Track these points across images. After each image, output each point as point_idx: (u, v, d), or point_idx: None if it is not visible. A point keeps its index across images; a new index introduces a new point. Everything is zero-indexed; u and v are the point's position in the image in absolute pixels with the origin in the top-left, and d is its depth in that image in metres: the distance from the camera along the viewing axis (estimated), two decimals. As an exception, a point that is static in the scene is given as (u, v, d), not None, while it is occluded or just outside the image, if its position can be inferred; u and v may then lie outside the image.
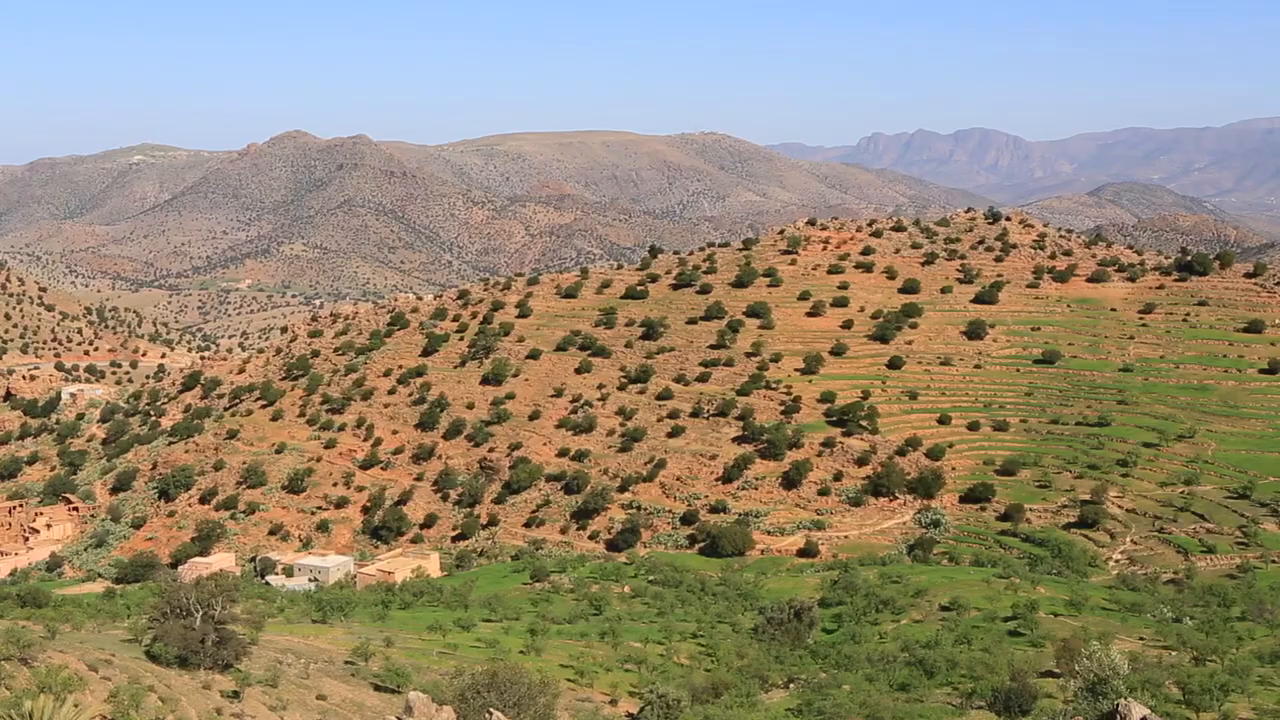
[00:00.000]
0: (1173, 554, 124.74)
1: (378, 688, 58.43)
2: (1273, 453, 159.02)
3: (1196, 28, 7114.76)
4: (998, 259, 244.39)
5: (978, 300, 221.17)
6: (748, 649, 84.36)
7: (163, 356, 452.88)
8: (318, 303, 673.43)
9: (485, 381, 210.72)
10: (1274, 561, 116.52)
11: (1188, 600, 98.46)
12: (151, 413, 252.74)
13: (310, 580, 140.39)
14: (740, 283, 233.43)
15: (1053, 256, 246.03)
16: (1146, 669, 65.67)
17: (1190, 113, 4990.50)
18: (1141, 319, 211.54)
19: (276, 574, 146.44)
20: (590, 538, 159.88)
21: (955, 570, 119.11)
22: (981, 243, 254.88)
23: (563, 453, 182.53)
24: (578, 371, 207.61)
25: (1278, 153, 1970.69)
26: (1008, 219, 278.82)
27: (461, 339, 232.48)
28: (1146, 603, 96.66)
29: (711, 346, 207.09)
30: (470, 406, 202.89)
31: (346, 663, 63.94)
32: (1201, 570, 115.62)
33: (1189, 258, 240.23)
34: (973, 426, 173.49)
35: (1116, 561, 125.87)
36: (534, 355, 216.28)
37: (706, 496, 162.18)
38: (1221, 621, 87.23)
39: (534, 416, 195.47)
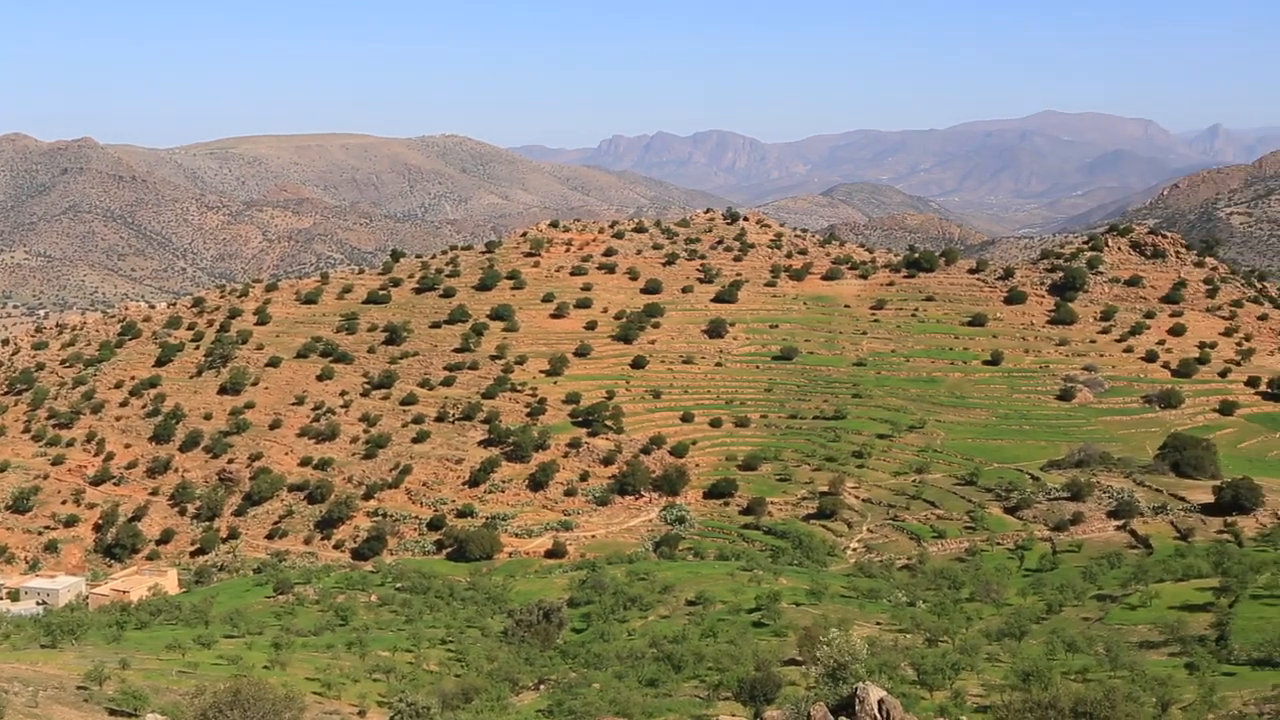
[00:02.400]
0: (906, 540, 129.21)
1: (113, 712, 56.01)
2: (996, 440, 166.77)
3: (917, 35, 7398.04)
4: (736, 258, 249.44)
5: (718, 299, 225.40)
6: (497, 652, 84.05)
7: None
8: (42, 313, 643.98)
9: (223, 391, 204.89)
10: (999, 544, 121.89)
11: (921, 584, 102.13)
12: None
13: (38, 604, 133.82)
14: (484, 286, 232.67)
15: (789, 255, 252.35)
16: (884, 652, 67.85)
17: (916, 116, 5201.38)
18: (874, 315, 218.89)
19: (0, 599, 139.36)
20: (335, 547, 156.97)
21: (701, 565, 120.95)
22: (721, 243, 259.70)
23: (305, 461, 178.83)
24: (319, 378, 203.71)
25: (997, 154, 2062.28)
26: (746, 219, 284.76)
27: (197, 348, 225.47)
28: (882, 588, 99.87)
29: (456, 350, 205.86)
30: (208, 417, 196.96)
31: (79, 688, 61.08)
32: (933, 555, 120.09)
33: (917, 255, 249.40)
34: (715, 423, 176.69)
35: (854, 550, 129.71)
36: (274, 363, 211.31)
37: (453, 501, 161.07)
38: (952, 603, 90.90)
39: (275, 425, 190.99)
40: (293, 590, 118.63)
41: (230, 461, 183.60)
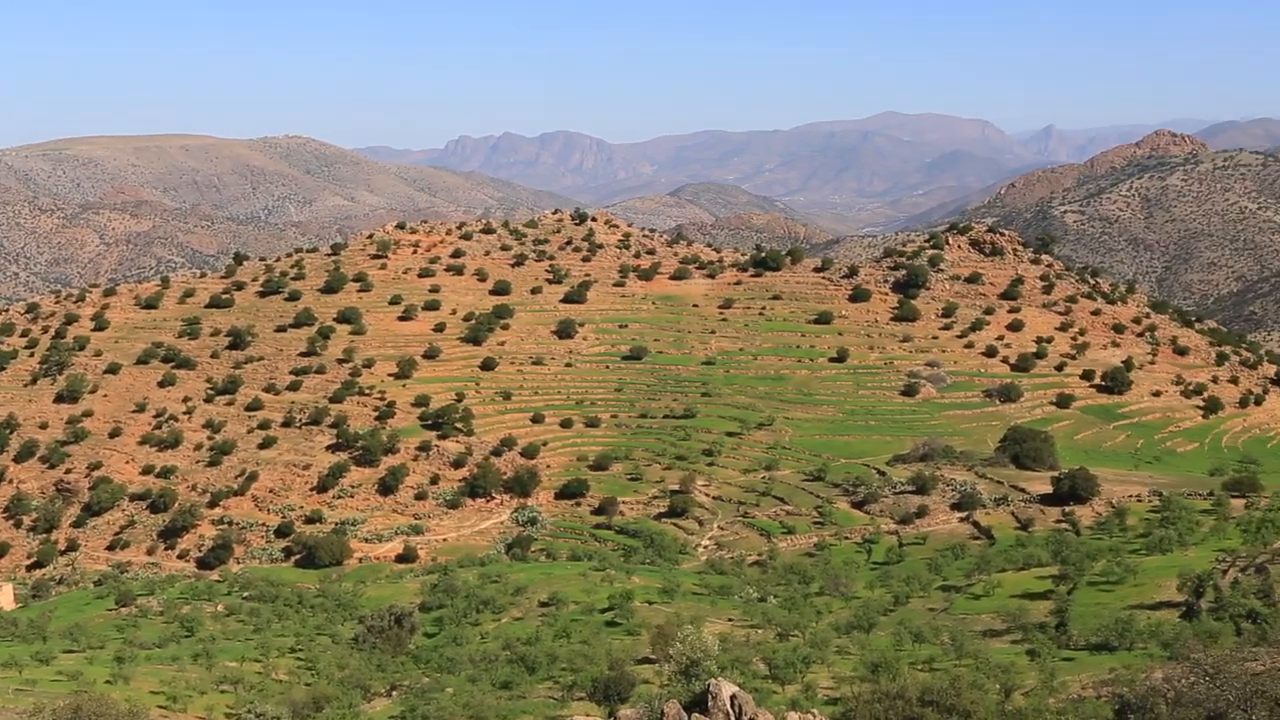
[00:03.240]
0: (756, 537, 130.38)
1: (-55, 734, 54.19)
2: (843, 436, 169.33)
3: (761, 36, 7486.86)
4: (585, 259, 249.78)
5: (567, 300, 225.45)
6: (348, 659, 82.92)
7: None
8: None
9: (60, 399, 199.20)
10: (847, 538, 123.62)
11: (771, 580, 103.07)
12: None
13: None
14: (330, 288, 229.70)
15: (637, 255, 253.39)
16: (736, 648, 68.41)
17: (761, 116, 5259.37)
18: (722, 314, 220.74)
19: None
20: (180, 557, 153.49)
21: (553, 566, 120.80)
22: (569, 243, 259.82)
23: (147, 470, 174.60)
24: (161, 385, 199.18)
25: (840, 154, 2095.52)
26: (594, 220, 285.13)
27: (31, 355, 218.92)
28: (734, 585, 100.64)
29: (302, 354, 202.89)
30: (44, 426, 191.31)
31: (-92, 709, 58.95)
32: (783, 550, 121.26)
33: (763, 255, 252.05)
34: (566, 424, 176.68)
35: (705, 547, 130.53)
36: (113, 370, 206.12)
37: (301, 507, 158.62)
38: (802, 598, 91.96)
39: (115, 434, 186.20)
40: (135, 602, 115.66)
41: (68, 472, 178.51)
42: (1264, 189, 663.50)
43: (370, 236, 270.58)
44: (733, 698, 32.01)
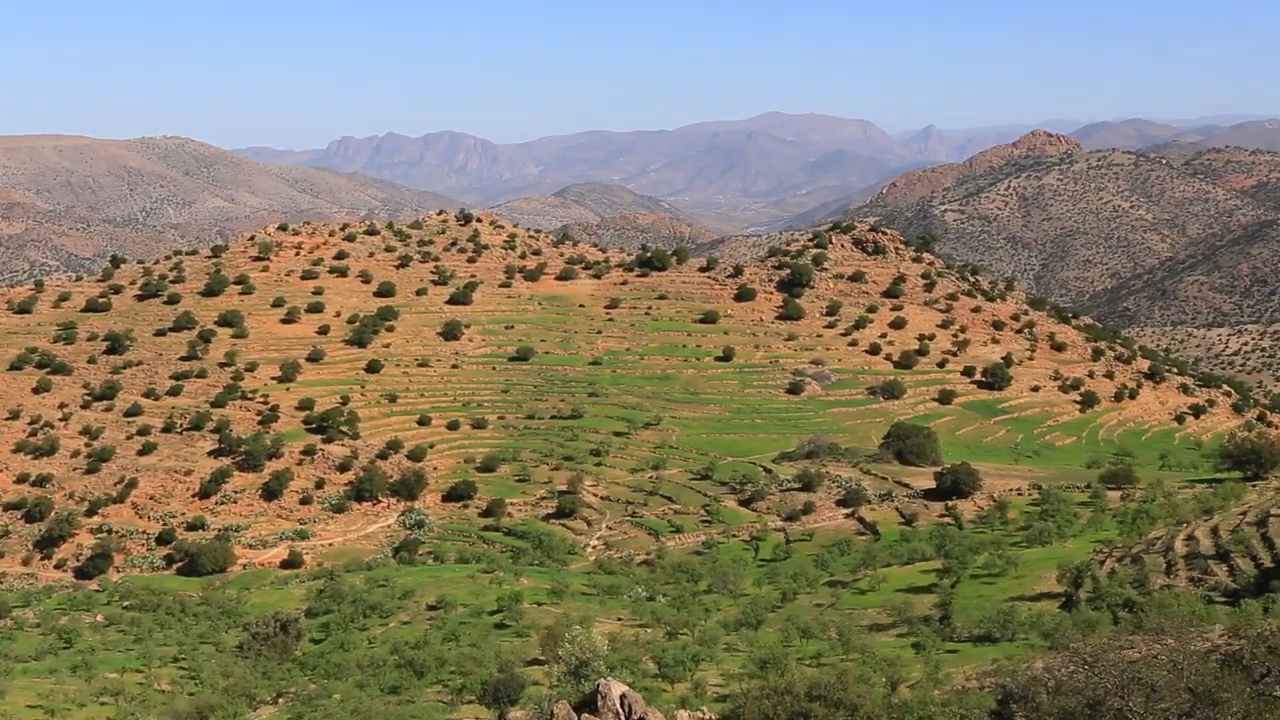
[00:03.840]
0: (645, 536, 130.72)
1: None
2: (730, 435, 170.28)
3: (646, 36, 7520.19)
4: (470, 260, 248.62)
5: (453, 301, 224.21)
6: (233, 668, 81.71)
7: None
8: None
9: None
10: (734, 536, 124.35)
11: (660, 579, 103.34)
12: None
13: None
14: (210, 291, 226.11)
15: (523, 256, 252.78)
16: (625, 647, 68.52)
17: (646, 117, 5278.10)
18: (608, 314, 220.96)
19: None
20: (57, 567, 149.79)
21: (441, 569, 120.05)
22: (454, 244, 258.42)
23: (22, 479, 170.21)
24: (36, 391, 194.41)
25: (724, 154, 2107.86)
26: (479, 220, 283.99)
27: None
28: (623, 585, 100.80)
29: (182, 358, 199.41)
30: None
31: None
32: (671, 549, 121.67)
33: (649, 254, 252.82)
34: (452, 426, 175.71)
35: (594, 547, 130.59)
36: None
37: (183, 514, 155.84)
38: (691, 596, 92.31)
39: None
40: (10, 614, 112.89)
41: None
42: (1136, 188, 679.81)
43: (252, 238, 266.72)
44: (622, 697, 32.01)
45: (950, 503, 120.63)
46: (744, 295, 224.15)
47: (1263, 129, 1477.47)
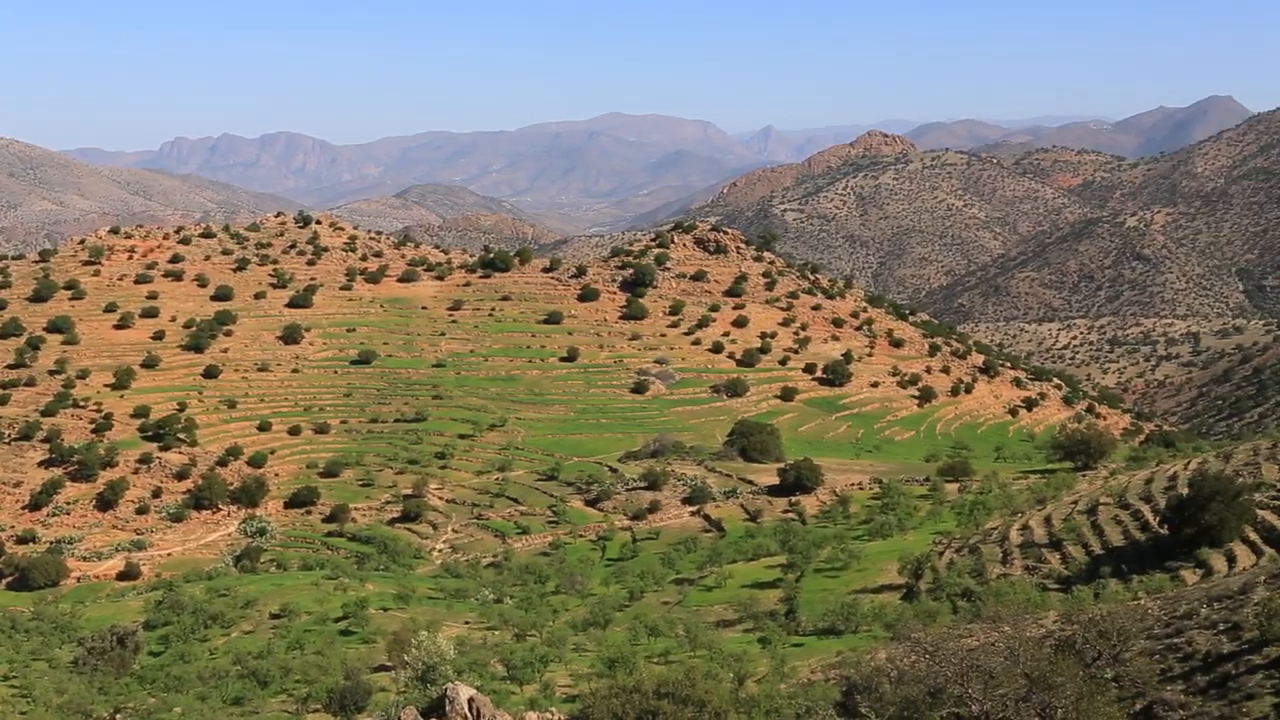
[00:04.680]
0: (491, 538, 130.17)
1: None
2: (575, 435, 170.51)
3: (484, 37, 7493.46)
4: (310, 262, 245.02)
5: (292, 304, 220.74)
6: (67, 684, 79.29)
7: None
8: None
9: None
10: (581, 536, 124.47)
11: (507, 581, 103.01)
12: None
13: None
14: (39, 297, 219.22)
15: (364, 258, 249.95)
16: (473, 651, 68.17)
17: (487, 117, 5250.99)
18: (451, 316, 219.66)
19: None
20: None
21: (284, 576, 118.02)
22: (294, 247, 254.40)
23: None
24: None
25: (566, 154, 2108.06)
26: (319, 222, 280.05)
27: None
28: (470, 588, 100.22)
29: (10, 366, 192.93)
30: None
31: None
32: (518, 551, 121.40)
33: (492, 255, 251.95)
34: (294, 431, 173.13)
35: (440, 551, 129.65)
36: None
37: (13, 527, 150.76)
38: (538, 597, 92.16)
39: None
40: None
41: None
42: (968, 187, 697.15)
43: (82, 242, 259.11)
44: (470, 701, 31.83)
45: (794, 498, 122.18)
46: (588, 295, 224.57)
47: (1087, 129, 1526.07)
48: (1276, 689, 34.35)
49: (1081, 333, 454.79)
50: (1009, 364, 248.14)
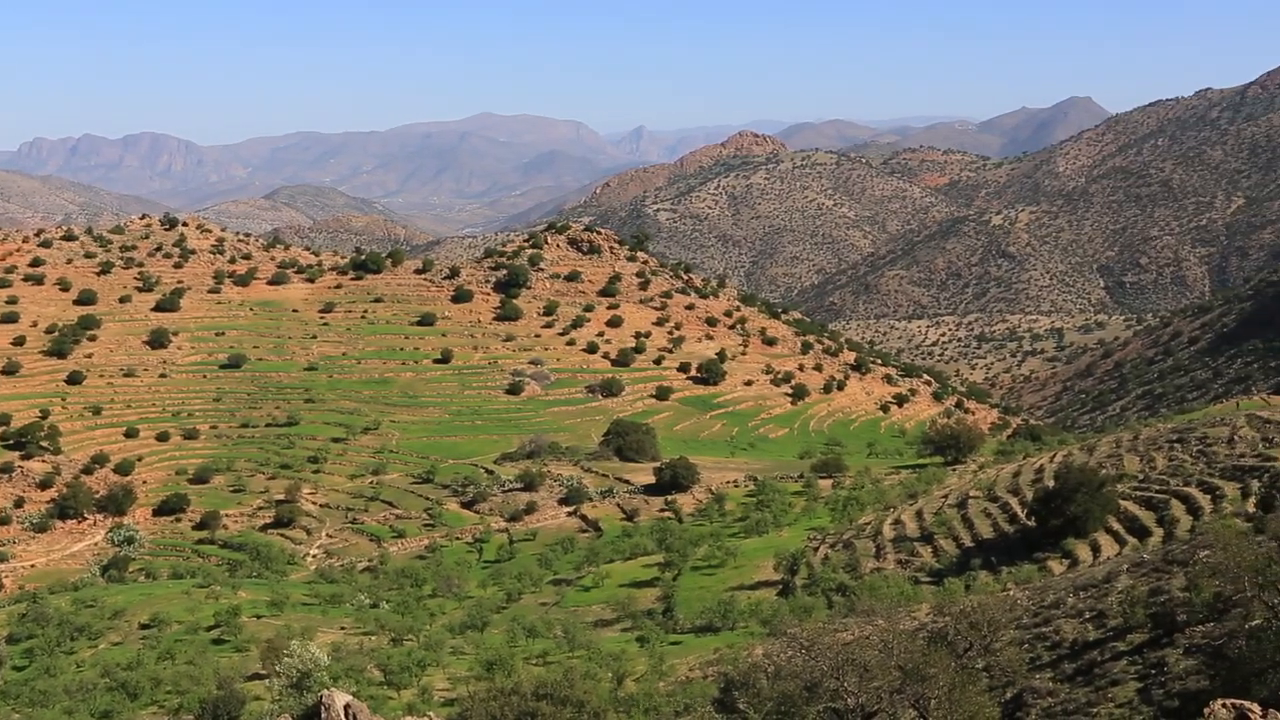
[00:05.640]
0: (366, 542, 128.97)
1: None
2: (450, 437, 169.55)
3: (350, 37, 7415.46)
4: (177, 265, 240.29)
5: (159, 308, 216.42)
6: (-74, 702, 77.07)
7: None
8: None
9: None
10: (458, 539, 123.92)
11: (383, 585, 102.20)
12: None
13: None
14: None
15: (233, 261, 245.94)
16: (349, 657, 67.46)
17: (357, 118, 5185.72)
18: (323, 318, 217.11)
19: None
20: None
21: (154, 585, 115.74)
22: (160, 249, 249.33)
23: None
24: None
25: (437, 155, 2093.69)
26: (185, 224, 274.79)
27: None
28: (345, 593, 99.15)
29: None
30: None
31: None
32: (394, 555, 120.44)
33: (363, 257, 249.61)
34: (162, 437, 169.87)
35: (314, 556, 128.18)
36: None
37: None
38: (415, 601, 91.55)
39: None
40: None
41: None
42: (838, 187, 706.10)
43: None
44: (347, 707, 31.53)
45: (670, 497, 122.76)
46: (461, 297, 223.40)
47: (953, 129, 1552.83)
48: (1140, 674, 35.28)
49: (950, 329, 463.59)
50: (880, 361, 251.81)
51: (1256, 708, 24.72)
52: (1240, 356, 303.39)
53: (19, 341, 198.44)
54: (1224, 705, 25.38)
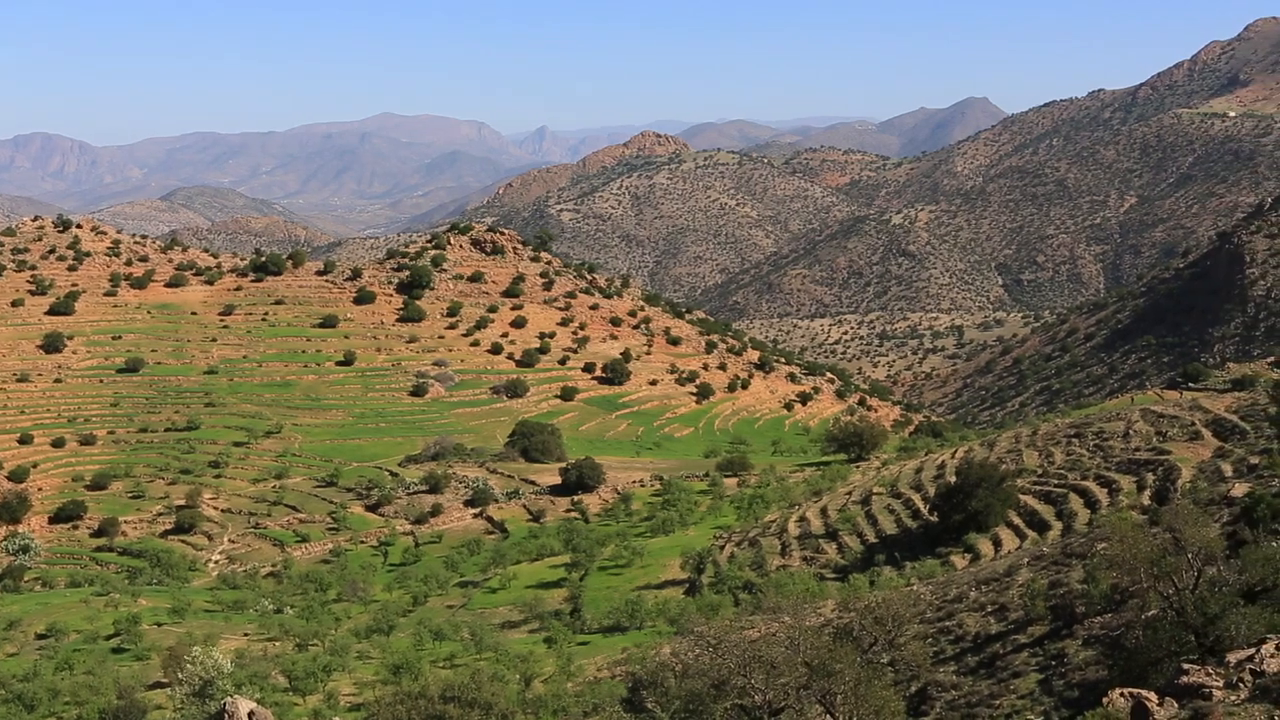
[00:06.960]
0: (270, 547, 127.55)
1: None
2: (354, 440, 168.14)
3: (245, 37, 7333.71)
4: (72, 268, 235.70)
5: (53, 312, 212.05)
6: None
7: None
8: None
9: None
10: (363, 542, 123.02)
11: (288, 590, 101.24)
12: None
13: None
14: None
15: (129, 263, 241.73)
16: (253, 663, 66.73)
17: (255, 118, 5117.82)
18: (223, 321, 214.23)
19: None
20: None
21: (50, 595, 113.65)
22: (53, 252, 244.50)
23: None
24: None
25: (338, 155, 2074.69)
26: (79, 226, 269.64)
27: None
28: (248, 599, 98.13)
29: None
30: None
31: None
32: (298, 559, 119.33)
33: (264, 259, 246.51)
34: (58, 443, 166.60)
35: (216, 562, 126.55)
36: None
37: None
38: (320, 606, 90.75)
39: None
40: None
41: None
42: (740, 186, 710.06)
43: None
44: (251, 714, 31.19)
45: (576, 497, 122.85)
46: (364, 298, 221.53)
47: (853, 129, 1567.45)
48: (1041, 666, 35.92)
49: (852, 328, 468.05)
50: (783, 359, 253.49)
51: (1154, 696, 25.22)
52: (1134, 352, 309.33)
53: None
54: (1122, 694, 25.88)
